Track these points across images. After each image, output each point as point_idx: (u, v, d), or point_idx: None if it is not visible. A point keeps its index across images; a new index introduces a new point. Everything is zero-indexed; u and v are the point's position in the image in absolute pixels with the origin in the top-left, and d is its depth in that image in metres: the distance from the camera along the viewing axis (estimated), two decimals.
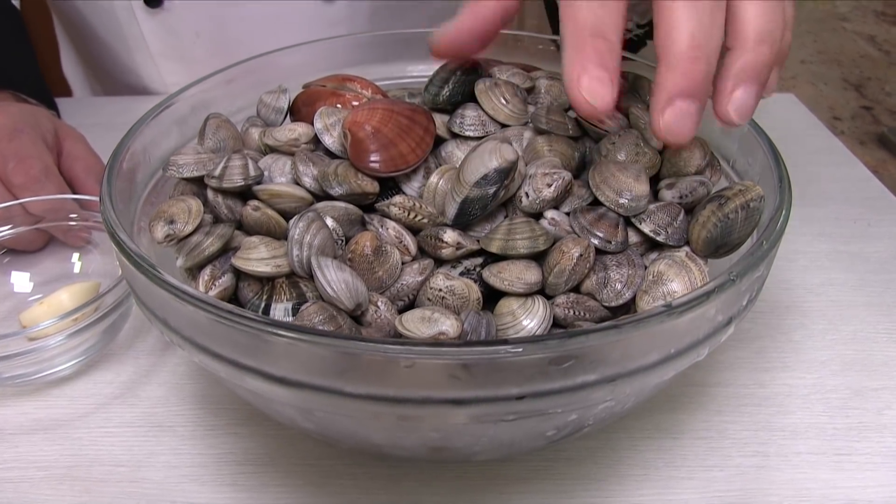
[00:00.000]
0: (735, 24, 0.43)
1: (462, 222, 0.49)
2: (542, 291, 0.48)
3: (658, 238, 0.49)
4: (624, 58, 0.63)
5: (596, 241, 0.48)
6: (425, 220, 0.50)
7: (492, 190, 0.48)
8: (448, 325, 0.43)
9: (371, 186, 0.51)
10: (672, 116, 0.41)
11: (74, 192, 0.72)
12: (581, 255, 0.47)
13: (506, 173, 0.48)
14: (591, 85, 0.41)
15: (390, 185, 0.53)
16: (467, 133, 0.55)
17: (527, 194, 0.50)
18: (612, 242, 0.48)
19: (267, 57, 0.65)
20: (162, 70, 1.05)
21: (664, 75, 0.41)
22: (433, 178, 0.52)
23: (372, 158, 0.51)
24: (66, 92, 1.21)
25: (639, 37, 0.66)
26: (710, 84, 0.42)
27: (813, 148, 0.92)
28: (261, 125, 0.60)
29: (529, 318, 0.46)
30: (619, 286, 0.48)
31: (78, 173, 0.74)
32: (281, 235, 0.50)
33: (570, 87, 0.41)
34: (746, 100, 0.43)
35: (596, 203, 0.51)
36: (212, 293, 0.48)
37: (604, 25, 0.42)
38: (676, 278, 0.47)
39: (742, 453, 0.54)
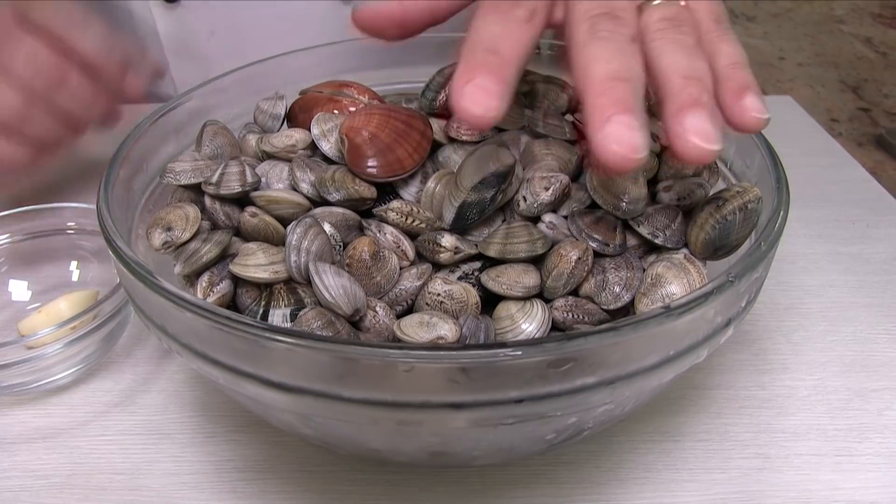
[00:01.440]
0: (655, 75, 0.42)
1: (460, 227, 0.49)
2: (541, 295, 0.48)
3: (656, 240, 0.49)
4: None
5: (594, 244, 0.48)
6: (423, 225, 0.50)
7: (489, 194, 0.48)
8: (447, 330, 0.43)
9: (368, 192, 0.51)
10: (615, 129, 0.38)
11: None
12: (579, 259, 0.47)
13: (503, 177, 0.48)
14: (475, 93, 0.39)
15: (388, 191, 0.53)
16: (464, 137, 0.55)
17: (524, 198, 0.50)
18: (611, 245, 0.48)
19: (263, 63, 0.65)
20: (173, 69, 1.04)
21: (593, 102, 0.39)
22: (430, 183, 0.52)
23: (369, 164, 0.51)
24: None
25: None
26: (642, 101, 0.39)
27: (811, 150, 0.92)
28: (258, 131, 0.60)
29: (528, 322, 0.46)
30: (617, 289, 0.48)
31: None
32: (279, 241, 0.50)
33: (454, 94, 0.39)
34: (699, 123, 0.40)
35: (594, 206, 0.51)
36: (210, 300, 0.48)
37: (499, 43, 0.41)
38: (675, 280, 0.47)
39: (743, 455, 0.54)
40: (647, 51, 0.42)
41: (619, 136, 0.37)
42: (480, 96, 0.39)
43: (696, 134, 0.39)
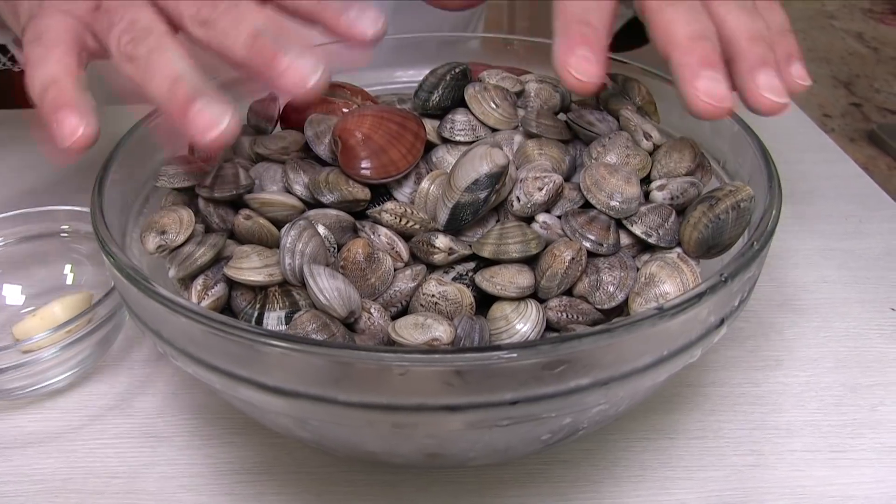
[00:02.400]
0: (723, 36, 0.47)
1: (454, 227, 0.49)
2: (535, 295, 0.48)
3: (650, 240, 0.49)
4: (614, 59, 0.63)
5: (588, 244, 0.48)
6: (417, 226, 0.50)
7: (483, 195, 0.48)
8: (441, 331, 0.43)
9: (362, 193, 0.51)
10: (705, 84, 0.44)
11: None
12: (573, 258, 0.47)
13: (497, 178, 0.48)
14: (579, 63, 0.44)
15: (381, 192, 0.53)
16: (458, 138, 0.56)
17: (518, 198, 0.50)
18: (604, 245, 0.48)
19: None
20: None
21: (680, 57, 0.45)
22: (424, 184, 0.52)
23: (363, 165, 0.51)
24: None
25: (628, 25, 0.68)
26: (722, 60, 0.45)
27: (804, 145, 0.92)
28: (251, 133, 0.60)
29: (523, 322, 0.46)
30: (611, 288, 0.48)
31: None
32: (273, 244, 0.50)
33: (560, 68, 0.45)
34: (770, 80, 0.46)
35: (587, 206, 0.51)
36: (205, 303, 0.48)
37: (590, 15, 0.46)
38: (669, 280, 0.47)
39: (737, 452, 0.54)
40: (712, 14, 0.47)
41: (709, 90, 0.43)
42: (584, 65, 0.44)
43: (770, 90, 0.45)
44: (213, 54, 0.47)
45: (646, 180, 0.54)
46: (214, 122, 0.43)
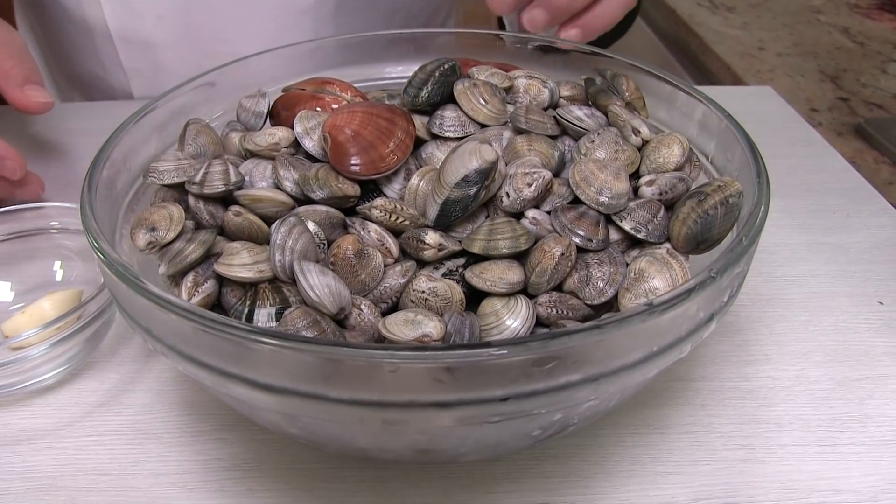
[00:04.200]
0: None
1: (443, 223, 0.49)
2: (525, 291, 0.48)
3: (639, 235, 0.49)
4: (601, 55, 0.63)
5: (577, 240, 0.48)
6: (407, 222, 0.50)
7: (472, 191, 0.48)
8: (432, 327, 0.43)
9: (352, 189, 0.51)
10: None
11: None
12: (563, 254, 0.47)
13: (486, 174, 0.48)
14: None
15: (371, 188, 0.53)
16: (447, 134, 0.56)
17: (507, 194, 0.50)
18: (594, 240, 0.48)
19: (245, 61, 0.65)
20: (121, 54, 1.02)
21: None
22: (414, 180, 0.52)
23: (352, 161, 0.51)
24: None
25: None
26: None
27: (791, 139, 0.92)
28: (241, 129, 0.60)
29: (513, 318, 0.46)
30: (601, 284, 0.48)
31: None
32: (263, 240, 0.50)
33: None
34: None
35: (576, 201, 0.51)
36: (195, 300, 0.48)
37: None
38: (658, 275, 0.47)
39: (727, 447, 0.55)
40: None
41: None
42: None
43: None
44: None
45: (635, 176, 0.54)
46: None
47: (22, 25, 1.15)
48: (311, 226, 0.49)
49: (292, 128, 0.56)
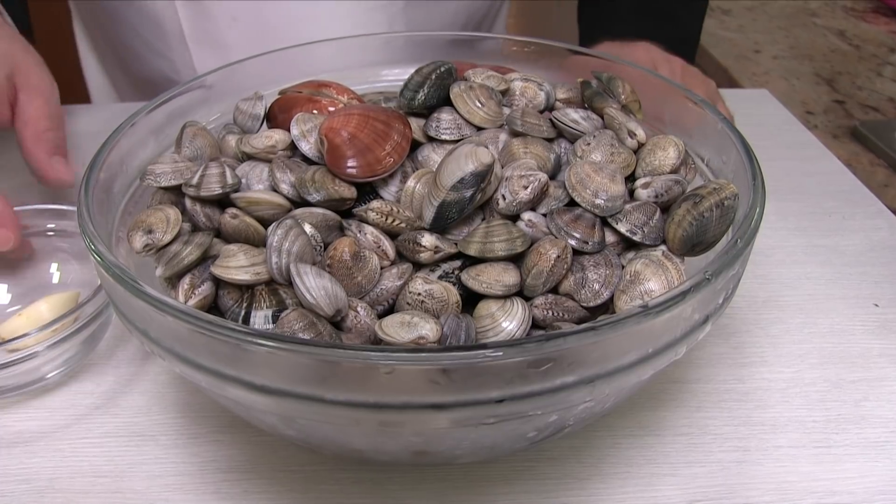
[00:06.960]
0: None
1: (440, 226, 0.49)
2: (521, 293, 0.48)
3: (634, 238, 0.49)
4: (598, 57, 0.64)
5: (573, 242, 0.48)
6: (403, 225, 0.50)
7: (468, 193, 0.48)
8: (428, 329, 0.43)
9: (348, 192, 0.51)
10: None
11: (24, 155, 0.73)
12: (559, 256, 0.47)
13: (482, 176, 0.48)
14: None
15: (367, 191, 0.53)
16: (443, 137, 0.56)
17: (503, 197, 0.50)
18: (590, 243, 0.49)
19: (243, 64, 0.65)
20: (194, 56, 1.02)
21: None
22: (410, 183, 0.52)
23: (349, 164, 0.51)
24: (85, 98, 1.20)
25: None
26: None
27: (787, 142, 0.92)
28: (237, 132, 0.60)
29: (509, 320, 0.46)
30: (597, 286, 0.48)
31: (25, 140, 0.73)
32: (259, 243, 0.50)
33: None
34: None
35: (572, 204, 0.51)
36: (191, 302, 0.48)
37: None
38: (653, 277, 0.47)
39: (723, 448, 0.55)
40: None
41: None
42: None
43: None
44: None
45: (630, 178, 0.54)
46: None
47: (81, 28, 1.15)
48: (307, 228, 0.49)
49: (289, 130, 0.56)
